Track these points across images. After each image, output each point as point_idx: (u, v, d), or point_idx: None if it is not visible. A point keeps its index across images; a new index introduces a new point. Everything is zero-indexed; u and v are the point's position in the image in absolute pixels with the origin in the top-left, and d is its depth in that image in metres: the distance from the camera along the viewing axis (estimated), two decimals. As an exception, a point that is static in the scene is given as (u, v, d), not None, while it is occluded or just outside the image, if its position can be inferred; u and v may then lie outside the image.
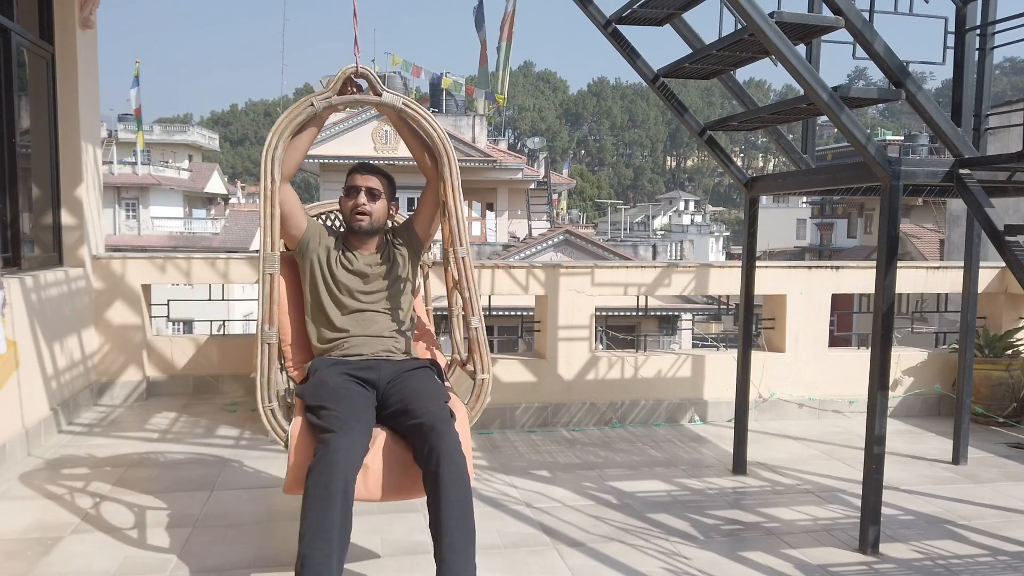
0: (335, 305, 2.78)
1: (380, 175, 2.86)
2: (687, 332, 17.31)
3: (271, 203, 2.57)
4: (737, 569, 2.81)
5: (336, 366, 2.69)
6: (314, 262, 2.79)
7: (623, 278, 5.00)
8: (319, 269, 2.79)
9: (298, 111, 2.61)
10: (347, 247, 2.84)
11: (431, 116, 2.74)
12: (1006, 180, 2.98)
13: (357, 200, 2.80)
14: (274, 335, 2.56)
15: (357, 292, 2.79)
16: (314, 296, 2.80)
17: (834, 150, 33.93)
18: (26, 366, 3.94)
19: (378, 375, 2.67)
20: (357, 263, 2.80)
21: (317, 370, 2.68)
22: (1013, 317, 5.36)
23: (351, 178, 2.85)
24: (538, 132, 77.49)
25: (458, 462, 2.39)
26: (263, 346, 2.55)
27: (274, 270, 2.58)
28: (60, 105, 4.75)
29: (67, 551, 2.83)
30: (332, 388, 2.55)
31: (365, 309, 2.80)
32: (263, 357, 2.55)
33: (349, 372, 2.66)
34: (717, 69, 3.53)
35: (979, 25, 3.40)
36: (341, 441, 2.33)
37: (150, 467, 3.80)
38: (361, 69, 2.64)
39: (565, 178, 36.63)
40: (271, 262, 2.57)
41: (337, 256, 2.81)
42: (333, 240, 2.86)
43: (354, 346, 2.75)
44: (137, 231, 34.29)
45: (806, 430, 4.81)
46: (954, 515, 3.39)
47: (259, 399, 2.53)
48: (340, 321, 2.78)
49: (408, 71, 20.68)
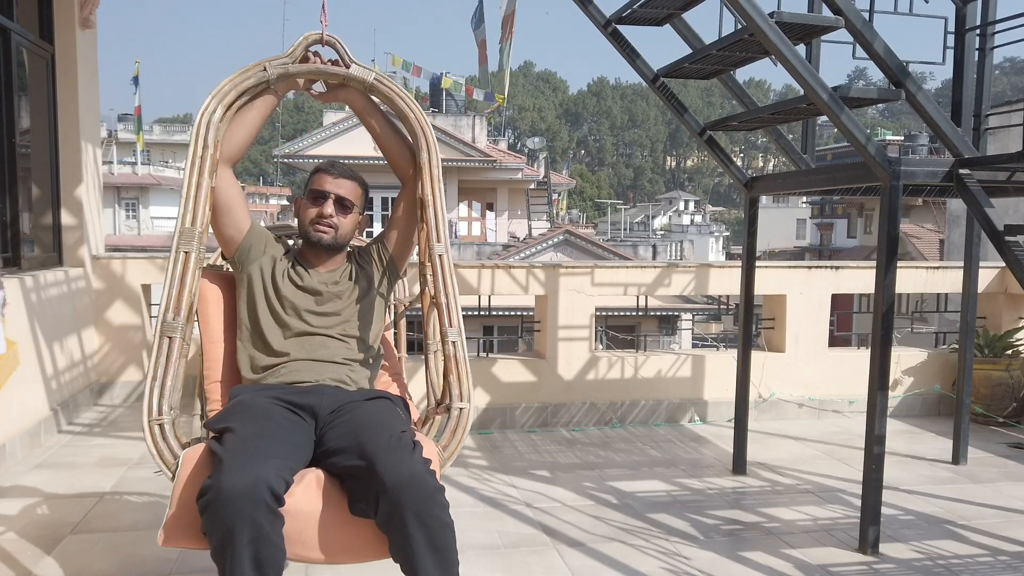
0: (276, 324, 2.21)
1: (355, 182, 2.32)
2: (687, 332, 17.30)
3: (199, 171, 2.12)
4: (737, 569, 2.81)
5: (264, 391, 2.10)
6: (254, 273, 2.24)
7: (623, 278, 5.00)
8: (260, 281, 2.24)
9: (246, 74, 2.19)
10: (299, 260, 2.31)
11: (407, 95, 2.33)
12: (1006, 180, 2.98)
13: (323, 209, 2.25)
14: (179, 328, 2.04)
15: (305, 312, 2.23)
16: (251, 315, 2.23)
17: (834, 150, 33.92)
18: (26, 366, 3.93)
19: (318, 401, 2.08)
20: (309, 279, 2.26)
21: (236, 395, 2.12)
22: (1013, 317, 5.36)
23: (319, 179, 2.29)
24: (538, 132, 77.46)
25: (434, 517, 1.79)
26: (163, 340, 2.02)
27: (190, 248, 2.09)
28: (60, 105, 4.75)
29: (67, 551, 2.82)
30: (247, 405, 2.01)
31: (314, 332, 2.22)
32: (159, 355, 2.01)
33: (280, 396, 2.08)
34: (717, 69, 3.53)
35: (979, 25, 3.40)
36: (236, 478, 1.69)
37: (150, 467, 3.80)
38: (327, 37, 2.26)
39: (565, 178, 36.65)
40: (188, 237, 2.09)
41: (285, 268, 2.27)
42: (282, 250, 2.33)
43: (293, 371, 2.16)
44: (137, 231, 34.30)
45: (806, 430, 4.81)
46: (954, 515, 3.39)
47: (144, 409, 1.97)
48: (280, 344, 2.19)
49: (408, 71, 20.68)
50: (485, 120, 24.74)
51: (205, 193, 2.14)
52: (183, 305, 2.07)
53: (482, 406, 4.75)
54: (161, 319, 2.05)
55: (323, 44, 2.27)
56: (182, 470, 1.90)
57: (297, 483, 1.87)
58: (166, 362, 2.02)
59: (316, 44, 2.27)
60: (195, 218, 2.11)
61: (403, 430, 1.95)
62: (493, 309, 5.07)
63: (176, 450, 1.96)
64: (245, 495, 1.69)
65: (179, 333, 2.05)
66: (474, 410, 2.20)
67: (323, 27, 2.30)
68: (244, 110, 2.23)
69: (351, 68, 2.28)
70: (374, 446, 1.85)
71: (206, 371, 2.33)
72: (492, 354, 4.98)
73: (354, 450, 1.88)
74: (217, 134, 2.16)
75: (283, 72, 2.22)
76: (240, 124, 2.22)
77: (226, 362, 2.33)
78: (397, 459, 1.81)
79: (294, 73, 2.24)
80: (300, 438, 1.98)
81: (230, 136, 2.20)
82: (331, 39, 2.27)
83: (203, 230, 2.15)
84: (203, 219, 2.14)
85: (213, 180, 2.17)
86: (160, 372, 2.01)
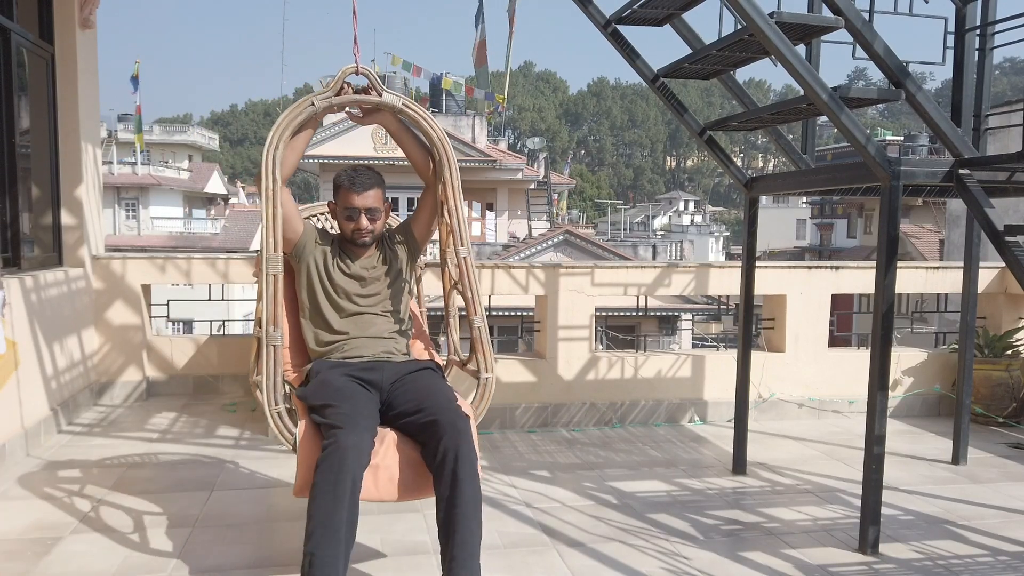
0: (333, 308, 2.75)
1: (375, 188, 2.75)
2: (687, 332, 17.30)
3: (272, 203, 2.52)
4: (737, 569, 2.81)
5: (337, 368, 2.66)
6: (311, 265, 2.76)
7: (623, 278, 5.00)
8: (316, 272, 2.75)
9: (298, 111, 2.58)
10: (343, 250, 2.81)
11: (430, 116, 2.72)
12: (1006, 180, 2.98)
13: (359, 224, 2.73)
14: (279, 337, 2.53)
15: (355, 295, 2.76)
16: (311, 299, 2.77)
17: (834, 150, 33.92)
18: (26, 366, 3.94)
19: (381, 376, 2.65)
20: (354, 267, 2.78)
21: (318, 372, 2.65)
22: (1013, 317, 5.36)
23: (347, 198, 2.72)
24: (538, 132, 77.48)
25: (473, 461, 2.40)
26: (268, 348, 2.50)
27: (277, 271, 2.54)
28: (60, 105, 4.75)
29: (67, 551, 2.83)
30: (336, 387, 2.53)
31: (363, 312, 2.77)
32: (268, 360, 2.50)
33: (351, 373, 2.63)
34: (717, 69, 3.53)
35: (979, 25, 3.40)
36: (349, 437, 2.31)
37: (150, 467, 3.80)
38: (361, 69, 2.62)
39: (565, 178, 36.63)
40: (274, 263, 2.53)
41: (334, 260, 2.77)
42: (329, 243, 2.82)
43: (354, 348, 2.72)
44: (137, 231, 34.29)
45: (806, 430, 4.81)
46: (954, 515, 3.39)
47: (265, 403, 2.48)
48: (338, 324, 2.74)
49: (408, 71, 20.68)
50: (485, 120, 24.74)
51: (280, 221, 2.56)
52: (279, 318, 2.55)
53: (482, 406, 4.75)
54: (266, 332, 2.52)
55: (358, 74, 2.63)
56: (300, 441, 2.43)
57: (379, 442, 2.47)
58: (274, 365, 2.50)
59: (352, 75, 2.63)
60: (276, 244, 2.55)
61: (452, 396, 2.57)
62: (493, 309, 5.06)
63: (292, 429, 2.49)
64: (357, 448, 2.31)
65: (280, 341, 2.54)
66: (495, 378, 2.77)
67: (356, 58, 2.69)
68: (294, 138, 2.64)
69: (383, 96, 2.65)
70: (437, 406, 2.48)
71: None
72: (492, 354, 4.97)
73: (423, 411, 2.49)
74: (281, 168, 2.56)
75: (328, 105, 2.61)
76: (292, 149, 2.65)
77: (292, 333, 2.83)
78: (454, 414, 2.45)
79: (336, 104, 2.62)
80: (374, 407, 2.57)
81: (285, 160, 2.61)
82: (365, 71, 2.63)
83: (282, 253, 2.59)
84: (281, 243, 2.58)
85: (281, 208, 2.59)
86: (271, 373, 2.50)
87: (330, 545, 2.22)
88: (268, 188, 2.51)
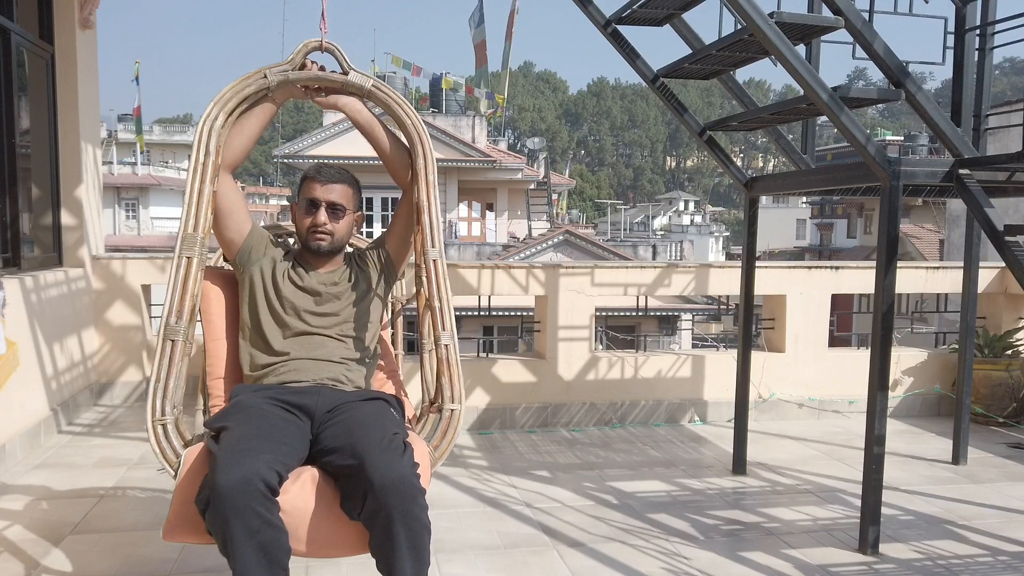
0: (276, 324, 2.27)
1: (344, 184, 2.36)
2: (687, 332, 17.29)
3: (200, 178, 2.17)
4: (737, 569, 2.81)
5: (262, 391, 2.16)
6: (255, 274, 2.31)
7: (623, 278, 5.00)
8: (261, 282, 2.30)
9: (247, 82, 2.24)
10: (299, 261, 2.36)
11: (403, 100, 2.38)
12: (1006, 180, 2.98)
13: (316, 218, 2.30)
14: (181, 331, 2.10)
15: (305, 312, 2.29)
16: (252, 314, 2.29)
17: (834, 150, 33.91)
18: (26, 366, 3.93)
19: (315, 401, 2.14)
20: (308, 280, 2.32)
21: (236, 395, 2.18)
22: (1013, 317, 5.36)
23: (309, 187, 2.33)
24: (538, 132, 77.45)
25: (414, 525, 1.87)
26: (165, 343, 2.08)
27: (192, 253, 2.15)
28: (60, 105, 4.75)
29: (67, 551, 2.82)
30: (245, 406, 2.07)
31: (313, 332, 2.28)
32: (163, 357, 2.08)
33: (277, 396, 2.13)
34: (717, 69, 3.53)
35: (979, 25, 3.40)
36: (229, 474, 1.76)
37: (150, 467, 3.80)
38: (326, 44, 2.30)
39: (565, 178, 36.65)
40: (190, 243, 2.15)
41: (285, 269, 2.32)
42: (282, 252, 2.39)
43: (292, 371, 2.22)
44: (137, 231, 34.29)
45: (806, 430, 4.81)
46: (954, 515, 3.39)
47: (148, 410, 2.03)
48: (280, 343, 2.25)
49: (408, 71, 20.70)
50: (485, 120, 24.74)
51: (207, 199, 2.19)
52: (185, 309, 2.13)
53: (482, 406, 4.75)
54: (164, 322, 2.10)
55: (322, 51, 2.31)
56: (184, 468, 1.97)
57: (292, 481, 1.94)
58: (169, 364, 2.08)
59: (315, 50, 2.31)
60: (197, 224, 2.17)
61: (395, 432, 2.02)
62: (493, 309, 5.07)
63: (179, 449, 2.03)
64: (240, 489, 1.77)
65: (182, 336, 2.11)
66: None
67: (322, 34, 2.35)
68: (244, 117, 2.28)
69: (349, 74, 2.32)
70: (365, 446, 1.92)
71: (208, 368, 2.38)
72: (492, 354, 4.98)
73: (347, 450, 1.95)
74: (219, 140, 2.21)
75: (283, 79, 2.26)
76: (240, 131, 2.27)
77: (228, 359, 2.38)
78: (387, 461, 1.88)
79: (294, 80, 2.28)
80: (295, 436, 2.04)
81: (230, 142, 2.25)
82: (330, 46, 2.31)
83: (205, 235, 2.20)
84: (205, 224, 2.20)
85: (215, 185, 2.22)
86: (163, 374, 2.07)
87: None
88: (198, 161, 2.18)
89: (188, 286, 2.14)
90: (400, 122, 2.39)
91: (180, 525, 1.93)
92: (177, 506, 1.93)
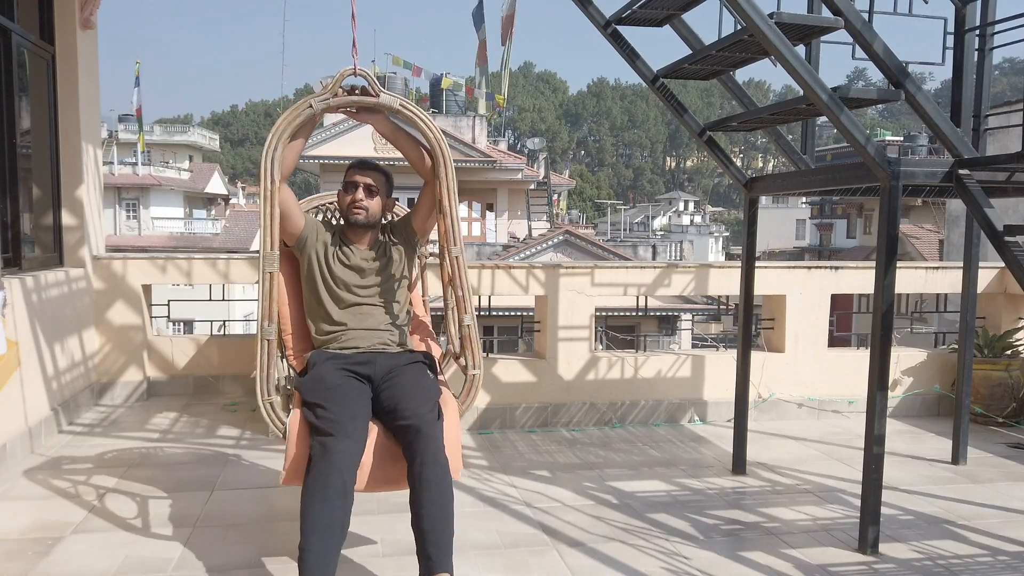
0: (332, 300, 2.85)
1: (378, 172, 2.93)
2: (687, 332, 17.30)
3: (271, 203, 2.61)
4: (737, 569, 2.82)
5: (333, 360, 2.76)
6: (312, 258, 2.86)
7: (623, 278, 5.01)
8: (317, 265, 2.85)
9: (297, 112, 2.65)
10: (344, 242, 2.90)
11: (428, 117, 2.77)
12: (1005, 180, 2.98)
13: (355, 196, 2.86)
14: (273, 331, 2.62)
15: (354, 287, 2.86)
16: (312, 291, 2.87)
17: (834, 150, 33.90)
18: (27, 366, 3.94)
19: (374, 370, 2.76)
20: (354, 258, 2.86)
21: (315, 363, 2.76)
22: (1012, 317, 5.36)
23: (350, 174, 2.92)
24: (538, 133, 77.41)
25: (441, 464, 2.50)
26: (262, 342, 2.62)
27: (273, 269, 2.62)
28: (60, 105, 4.75)
29: (67, 551, 2.83)
30: (329, 385, 2.63)
31: (362, 303, 2.87)
32: (262, 353, 2.62)
33: (346, 367, 2.74)
34: (717, 70, 3.53)
35: (979, 26, 3.41)
36: (337, 445, 2.43)
37: (151, 467, 3.81)
38: (359, 71, 2.68)
39: (565, 178, 36.65)
40: (271, 261, 2.62)
41: (334, 251, 2.87)
42: (330, 235, 2.92)
43: (351, 339, 2.83)
44: (138, 231, 34.29)
45: (806, 430, 4.81)
46: (954, 515, 3.39)
47: (259, 392, 2.60)
48: (338, 315, 2.85)
49: (408, 71, 20.69)
50: (485, 121, 24.74)
51: (277, 221, 2.63)
52: (273, 314, 2.63)
53: (482, 406, 4.76)
54: (260, 327, 2.62)
55: (355, 75, 2.67)
56: (291, 432, 2.54)
57: None
58: (268, 358, 2.62)
59: (350, 75, 2.67)
60: (273, 243, 2.62)
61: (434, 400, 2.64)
62: (493, 309, 5.07)
63: (283, 418, 2.61)
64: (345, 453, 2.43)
65: (274, 336, 2.63)
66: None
67: (355, 61, 2.70)
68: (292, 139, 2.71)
69: (380, 97, 2.69)
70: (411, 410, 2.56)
71: (282, 325, 2.91)
72: (492, 354, 4.98)
73: (400, 413, 2.58)
74: (280, 167, 2.63)
75: (325, 107, 2.65)
76: (290, 150, 2.71)
77: (294, 318, 2.97)
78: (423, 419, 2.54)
79: (334, 106, 2.68)
80: (364, 399, 2.67)
81: (284, 161, 2.68)
82: (362, 72, 2.68)
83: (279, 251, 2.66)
84: (278, 242, 2.66)
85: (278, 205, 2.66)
86: (264, 365, 2.61)
87: (322, 543, 2.36)
88: (267, 189, 2.61)
89: (274, 295, 2.63)
90: (424, 136, 2.75)
91: (293, 472, 2.51)
92: (292, 459, 2.52)
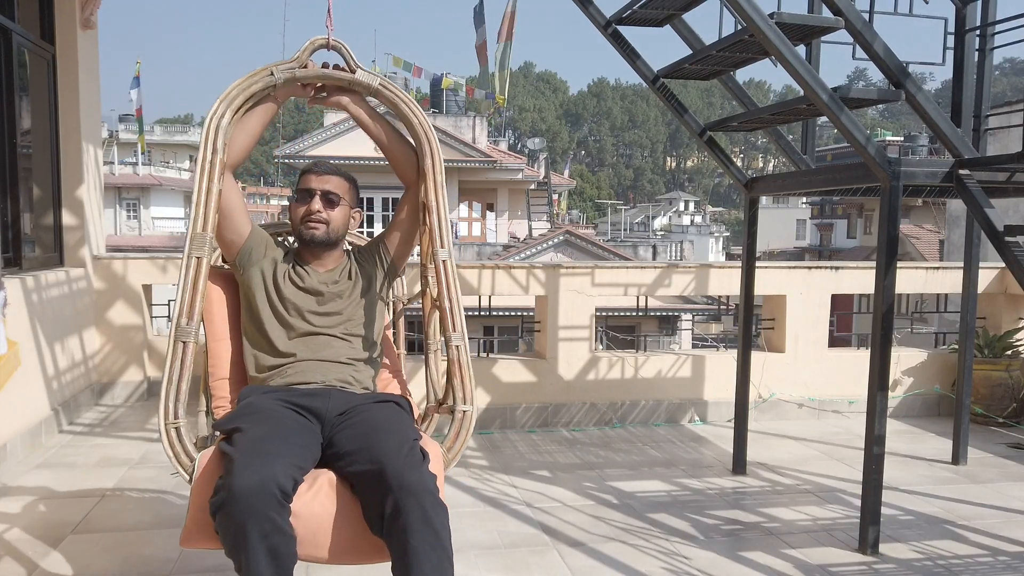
0: (280, 325, 2.25)
1: (340, 176, 2.36)
2: (687, 332, 17.29)
3: (208, 176, 2.12)
4: (737, 569, 2.82)
5: (272, 393, 2.14)
6: (256, 276, 2.27)
7: (623, 278, 5.01)
8: (262, 283, 2.27)
9: (254, 79, 2.19)
10: (299, 261, 2.34)
11: (411, 100, 2.33)
12: (1006, 180, 2.98)
13: (310, 206, 2.28)
14: (191, 333, 2.06)
15: (308, 312, 2.26)
16: (254, 316, 2.26)
17: (834, 150, 33.89)
18: (27, 366, 3.94)
19: (326, 404, 2.11)
20: (309, 280, 2.29)
21: (246, 397, 2.15)
22: (1013, 317, 5.36)
23: (304, 179, 2.33)
24: (538, 133, 77.42)
25: (435, 525, 1.83)
26: (177, 344, 2.04)
27: (202, 253, 2.10)
28: (61, 105, 4.75)
29: (68, 551, 2.83)
30: (256, 408, 2.04)
31: (318, 332, 2.26)
32: (174, 359, 2.03)
33: (288, 399, 2.11)
34: (717, 70, 3.53)
35: (979, 26, 3.41)
36: (246, 478, 1.74)
37: (151, 467, 3.81)
38: (333, 41, 2.26)
39: (565, 179, 36.65)
40: (199, 243, 2.10)
41: (286, 270, 2.30)
42: (282, 252, 2.37)
43: (299, 372, 2.20)
44: (138, 231, 34.30)
45: (806, 430, 4.81)
46: (954, 515, 3.39)
47: (161, 412, 2.00)
48: (285, 344, 2.23)
49: (409, 71, 20.69)
50: (485, 121, 24.74)
51: (215, 198, 2.15)
52: (196, 309, 2.09)
53: (482, 406, 4.76)
54: (175, 324, 2.06)
55: (329, 48, 2.27)
56: (199, 472, 1.94)
57: (309, 485, 1.91)
58: (181, 366, 2.04)
59: (322, 48, 2.27)
60: (206, 223, 2.12)
61: (414, 438, 2.00)
62: (493, 309, 5.07)
63: (192, 452, 2.00)
64: (256, 492, 1.74)
65: (193, 337, 2.07)
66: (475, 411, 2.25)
67: (329, 32, 2.30)
68: (246, 116, 2.24)
69: (356, 73, 2.28)
70: (385, 452, 1.89)
71: (211, 368, 2.34)
72: (492, 354, 4.98)
73: (365, 454, 1.92)
74: (225, 138, 2.16)
75: (290, 76, 2.21)
76: (242, 129, 2.23)
77: (232, 360, 2.35)
78: (408, 467, 1.86)
79: (300, 78, 2.24)
80: (308, 439, 2.02)
81: (232, 141, 2.20)
82: (337, 44, 2.26)
83: (214, 234, 2.17)
84: (213, 224, 2.16)
85: (221, 184, 2.17)
86: (175, 376, 2.03)
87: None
88: (206, 159, 2.13)
89: (198, 286, 2.10)
90: (407, 121, 2.34)
91: (198, 531, 1.89)
92: (194, 512, 1.88)
